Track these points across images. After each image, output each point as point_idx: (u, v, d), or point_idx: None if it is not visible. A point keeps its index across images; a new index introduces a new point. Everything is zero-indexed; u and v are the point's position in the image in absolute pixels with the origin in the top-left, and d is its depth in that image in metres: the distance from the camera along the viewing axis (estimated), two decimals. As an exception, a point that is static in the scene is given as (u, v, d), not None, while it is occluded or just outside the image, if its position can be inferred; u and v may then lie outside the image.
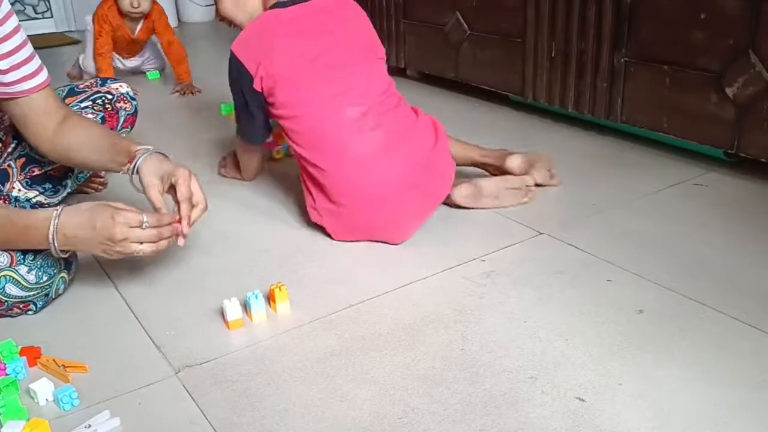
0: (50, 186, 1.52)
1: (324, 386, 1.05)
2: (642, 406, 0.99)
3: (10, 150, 1.55)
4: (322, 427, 0.97)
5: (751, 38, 1.60)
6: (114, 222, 1.15)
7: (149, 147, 1.32)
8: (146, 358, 1.14)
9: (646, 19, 1.81)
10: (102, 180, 1.81)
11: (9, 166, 1.48)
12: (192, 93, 2.76)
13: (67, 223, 1.16)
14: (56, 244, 1.16)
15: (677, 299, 1.24)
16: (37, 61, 1.29)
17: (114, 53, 2.88)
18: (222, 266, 1.42)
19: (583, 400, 1.00)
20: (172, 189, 1.28)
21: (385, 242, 1.46)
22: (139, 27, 2.84)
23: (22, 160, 1.50)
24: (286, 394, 1.04)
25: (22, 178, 1.49)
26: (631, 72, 1.88)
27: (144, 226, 1.17)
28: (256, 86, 1.46)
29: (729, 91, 1.67)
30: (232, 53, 1.49)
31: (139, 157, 1.29)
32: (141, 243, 1.17)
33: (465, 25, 2.37)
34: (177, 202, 1.27)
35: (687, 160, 1.85)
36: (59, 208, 1.18)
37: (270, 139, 1.72)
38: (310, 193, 1.48)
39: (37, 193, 1.50)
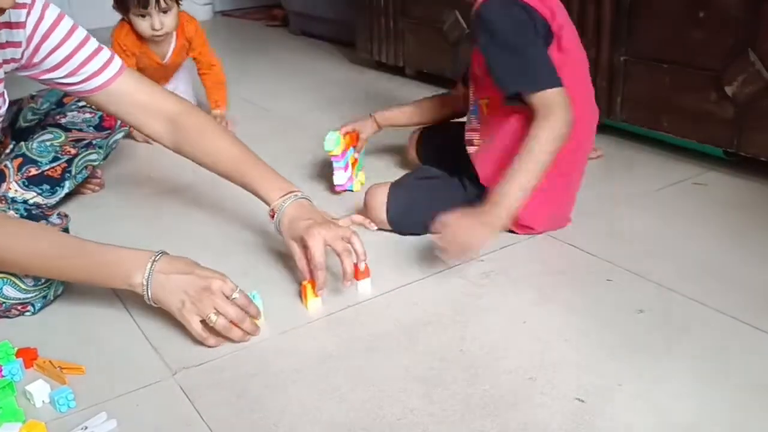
0: (48, 187, 1.52)
1: (322, 387, 1.05)
2: (642, 407, 0.98)
3: (7, 151, 1.55)
4: (319, 429, 0.97)
5: (750, 37, 1.60)
6: (215, 275, 1.11)
7: (286, 194, 1.25)
8: (143, 360, 1.13)
9: (646, 17, 1.80)
10: (99, 181, 1.81)
11: (5, 166, 1.48)
12: (226, 126, 2.20)
13: (164, 267, 1.11)
14: (150, 284, 1.10)
15: (678, 299, 1.24)
16: (102, 57, 1.30)
17: None
18: (220, 266, 1.41)
19: (582, 401, 1.00)
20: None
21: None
22: (170, 50, 2.21)
23: (19, 160, 1.50)
24: (284, 395, 1.04)
25: (19, 178, 1.48)
26: (630, 71, 1.87)
27: (234, 296, 1.11)
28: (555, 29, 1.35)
29: (728, 90, 1.66)
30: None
31: (279, 213, 1.25)
32: (218, 314, 1.10)
33: (464, 23, 2.36)
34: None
35: (686, 159, 1.84)
36: (157, 252, 1.12)
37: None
38: None
39: (35, 194, 1.49)
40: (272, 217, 1.27)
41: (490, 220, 1.26)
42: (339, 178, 1.67)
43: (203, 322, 1.10)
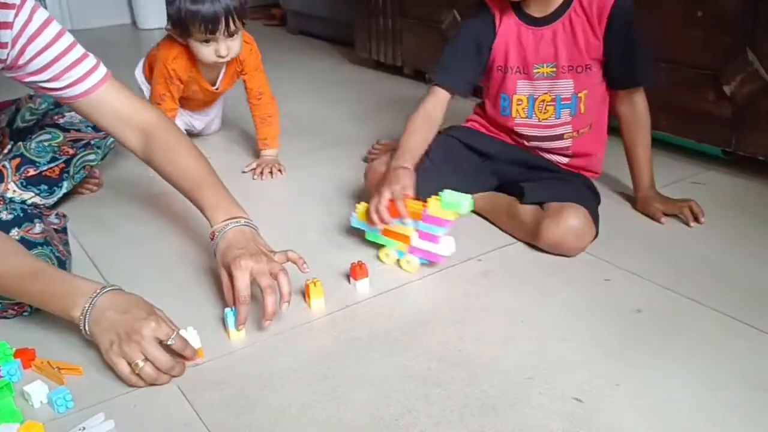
0: (46, 187, 1.51)
1: (320, 388, 1.05)
2: (640, 407, 0.98)
3: (5, 151, 1.54)
4: (318, 429, 0.97)
5: (748, 36, 1.60)
6: (148, 320, 1.06)
7: (230, 219, 1.22)
8: (141, 360, 1.13)
9: (644, 17, 1.80)
10: (97, 181, 1.81)
11: (3, 166, 1.47)
12: (278, 171, 1.87)
13: (103, 302, 1.07)
14: (88, 319, 1.07)
15: (675, 299, 1.24)
16: (87, 64, 1.28)
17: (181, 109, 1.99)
18: (217, 269, 1.41)
19: (580, 401, 1.00)
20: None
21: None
22: (221, 74, 1.92)
23: (17, 160, 1.49)
24: (282, 395, 1.04)
25: (17, 178, 1.48)
26: (628, 70, 1.87)
27: (169, 341, 1.06)
28: None
29: (727, 89, 1.66)
30: None
31: (217, 237, 1.21)
32: (145, 360, 1.04)
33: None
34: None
35: (685, 159, 1.84)
36: (102, 287, 1.09)
37: None
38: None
39: (33, 194, 1.49)
40: (212, 239, 1.23)
41: (655, 194, 1.57)
42: (448, 246, 1.36)
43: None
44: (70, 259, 1.37)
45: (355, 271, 1.27)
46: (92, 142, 1.62)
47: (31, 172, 1.49)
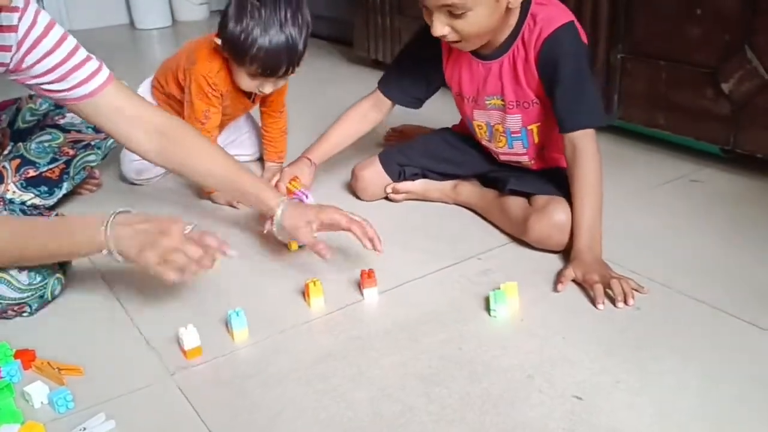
0: (46, 188, 1.52)
1: (320, 387, 1.05)
2: (640, 404, 0.99)
3: (5, 152, 1.54)
4: (318, 429, 0.97)
5: (746, 34, 1.60)
6: (170, 221, 1.14)
7: (282, 198, 1.34)
8: (141, 360, 1.13)
9: (642, 15, 1.81)
10: (96, 182, 1.81)
11: (3, 167, 1.48)
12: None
13: (122, 220, 1.14)
14: (112, 238, 1.12)
15: (674, 296, 1.24)
16: (90, 66, 1.28)
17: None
18: (217, 268, 1.41)
19: (580, 399, 1.00)
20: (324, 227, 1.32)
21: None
22: None
23: (17, 161, 1.49)
24: (282, 395, 1.04)
25: (17, 179, 1.48)
26: (627, 68, 1.87)
27: (188, 229, 1.15)
28: None
29: (725, 87, 1.66)
30: (574, 24, 1.35)
31: (278, 212, 1.31)
32: (177, 252, 1.11)
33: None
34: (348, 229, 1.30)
35: (683, 157, 1.85)
36: (112, 213, 1.15)
37: None
38: None
39: (33, 195, 1.49)
40: (270, 217, 1.33)
41: (597, 256, 1.31)
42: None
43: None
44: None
45: (364, 279, 1.28)
46: (92, 143, 1.62)
47: (32, 173, 1.49)
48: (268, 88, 1.62)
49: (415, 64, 1.56)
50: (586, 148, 1.34)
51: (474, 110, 1.50)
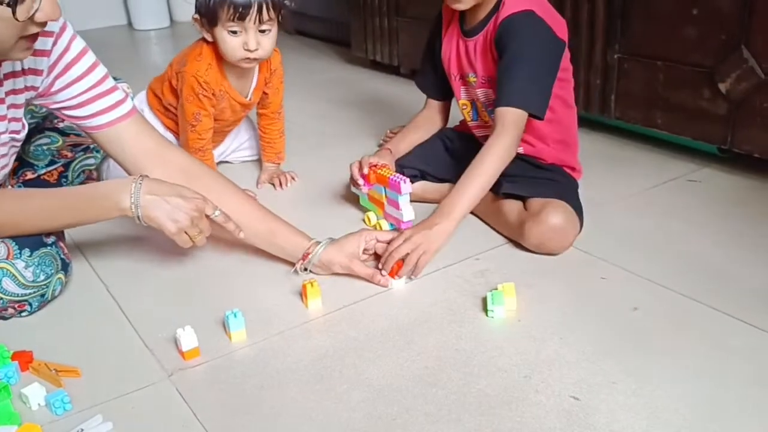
0: (44, 190, 1.52)
1: (318, 388, 1.05)
2: (636, 405, 0.99)
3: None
4: (315, 429, 0.97)
5: (743, 34, 1.60)
6: (197, 196, 1.23)
7: (318, 240, 1.34)
8: (138, 362, 1.13)
9: (639, 15, 1.81)
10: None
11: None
12: (291, 179, 1.83)
13: (150, 188, 1.20)
14: (138, 205, 1.19)
15: (672, 296, 1.24)
16: (114, 97, 1.28)
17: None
18: (215, 269, 1.41)
19: (577, 399, 1.00)
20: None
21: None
22: (252, 85, 1.73)
23: (15, 163, 1.49)
24: (280, 396, 1.04)
25: (15, 182, 1.48)
26: (624, 68, 1.87)
27: (214, 215, 1.24)
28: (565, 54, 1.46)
29: (722, 87, 1.66)
30: (536, 15, 1.38)
31: (315, 254, 1.32)
32: (195, 226, 1.22)
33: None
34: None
35: (681, 156, 1.85)
36: (135, 179, 1.21)
37: None
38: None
39: (31, 197, 1.49)
40: (304, 259, 1.33)
41: (445, 229, 1.34)
42: (408, 212, 1.49)
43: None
44: (70, 262, 1.37)
45: (395, 269, 1.31)
46: (91, 146, 1.62)
47: (29, 175, 1.50)
48: (252, 42, 1.55)
49: (427, 51, 1.66)
50: (504, 132, 1.36)
51: (461, 87, 1.57)
